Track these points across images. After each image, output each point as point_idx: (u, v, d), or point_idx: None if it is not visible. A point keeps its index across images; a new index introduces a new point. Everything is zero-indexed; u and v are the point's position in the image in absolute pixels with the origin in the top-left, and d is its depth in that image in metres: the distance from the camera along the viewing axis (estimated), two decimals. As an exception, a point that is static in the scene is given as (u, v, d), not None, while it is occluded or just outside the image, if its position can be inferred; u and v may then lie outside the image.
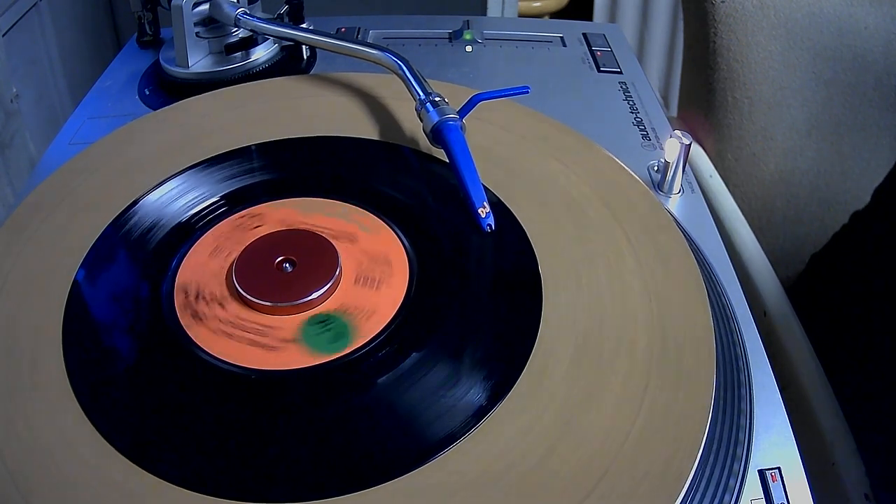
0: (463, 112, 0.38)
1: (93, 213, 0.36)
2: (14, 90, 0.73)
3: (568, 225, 0.35)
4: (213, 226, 0.36)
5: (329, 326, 0.31)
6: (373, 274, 0.33)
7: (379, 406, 0.28)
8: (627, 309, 0.31)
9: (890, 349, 0.48)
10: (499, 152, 0.40)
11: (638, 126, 0.47)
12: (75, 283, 0.33)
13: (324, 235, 0.35)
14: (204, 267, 0.34)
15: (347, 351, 0.30)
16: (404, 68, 0.41)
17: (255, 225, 0.36)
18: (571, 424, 0.27)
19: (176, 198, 0.37)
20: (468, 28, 0.57)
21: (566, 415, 0.27)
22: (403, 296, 0.32)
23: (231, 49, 0.48)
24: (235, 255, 0.34)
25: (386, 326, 0.31)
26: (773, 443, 0.30)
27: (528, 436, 0.27)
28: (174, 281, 0.33)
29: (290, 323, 0.31)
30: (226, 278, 0.33)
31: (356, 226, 0.36)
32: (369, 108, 0.43)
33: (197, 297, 0.32)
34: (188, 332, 0.31)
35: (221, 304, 0.32)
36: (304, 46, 0.52)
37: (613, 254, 0.34)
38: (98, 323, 0.32)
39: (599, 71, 0.53)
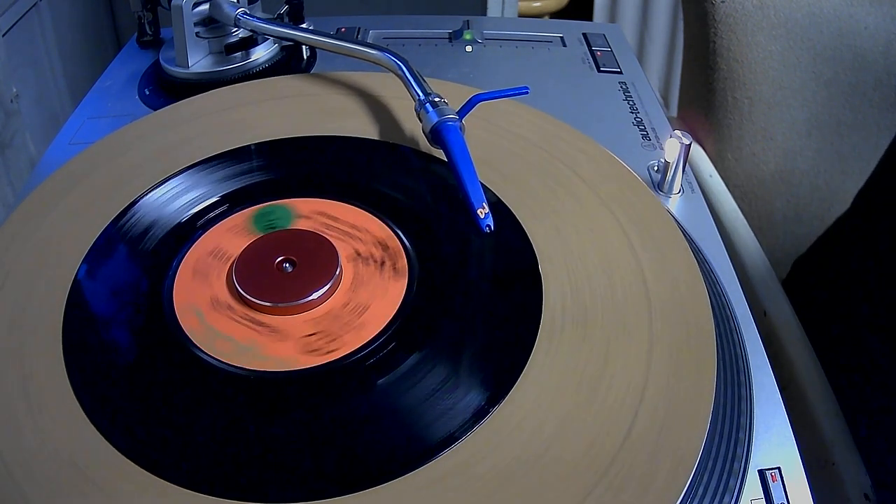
0: (462, 112, 0.38)
1: (93, 212, 0.36)
2: (14, 90, 0.73)
3: (568, 225, 0.35)
4: (212, 225, 0.36)
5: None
6: (368, 252, 0.33)
7: (379, 406, 0.28)
8: (627, 309, 0.31)
9: (889, 349, 0.48)
10: (499, 152, 0.40)
11: (638, 126, 0.47)
12: (75, 284, 0.33)
13: (324, 235, 0.35)
14: (204, 267, 0.34)
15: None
16: (404, 68, 0.41)
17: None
18: (571, 425, 0.27)
19: (176, 198, 0.37)
20: (468, 28, 0.57)
21: (566, 416, 0.27)
22: (403, 296, 0.32)
23: (231, 49, 0.48)
24: (235, 255, 0.34)
25: (386, 327, 0.31)
26: (773, 443, 0.30)
27: (527, 437, 0.27)
28: (174, 281, 0.33)
29: (291, 323, 0.31)
30: (226, 278, 0.33)
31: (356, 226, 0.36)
32: (369, 108, 0.43)
33: (197, 297, 0.32)
34: (188, 332, 0.31)
35: (221, 305, 0.32)
36: (304, 46, 0.52)
37: (613, 254, 0.34)
38: (98, 323, 0.32)
39: (599, 71, 0.53)
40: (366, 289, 0.33)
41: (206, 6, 0.48)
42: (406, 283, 0.33)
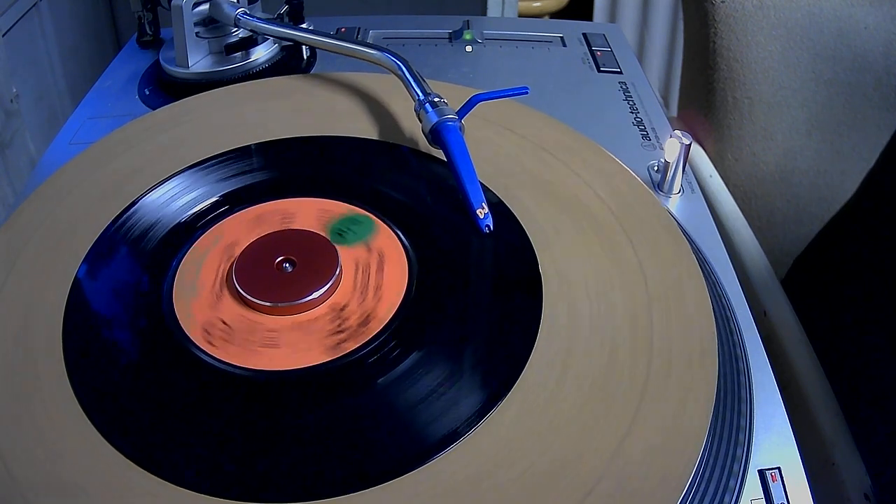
0: (462, 112, 0.38)
1: (93, 212, 0.36)
2: (14, 90, 0.74)
3: (568, 225, 0.35)
4: (212, 225, 0.36)
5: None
6: (349, 315, 0.33)
7: (378, 406, 0.28)
8: (627, 308, 0.31)
9: (889, 349, 0.48)
10: (499, 152, 0.40)
11: (638, 126, 0.47)
12: (75, 283, 0.33)
13: (324, 235, 0.35)
14: (204, 267, 0.34)
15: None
16: (403, 68, 0.41)
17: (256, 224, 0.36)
18: (571, 424, 0.27)
19: (176, 198, 0.37)
20: (468, 28, 0.57)
21: (565, 415, 0.27)
22: (403, 296, 0.32)
23: (231, 49, 0.48)
24: (236, 254, 0.34)
25: (386, 326, 0.31)
26: (773, 443, 0.30)
27: (527, 436, 0.27)
28: (174, 280, 0.33)
29: (290, 323, 0.31)
30: (226, 278, 0.33)
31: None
32: (369, 109, 0.43)
33: (197, 296, 0.32)
34: (188, 332, 0.31)
35: (222, 305, 0.32)
36: (304, 46, 0.52)
37: (613, 254, 0.34)
38: (98, 323, 0.32)
39: (599, 71, 0.53)
40: (297, 335, 0.31)
41: (206, 6, 0.48)
42: (406, 283, 0.33)
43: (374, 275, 0.33)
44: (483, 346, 0.30)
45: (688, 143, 0.40)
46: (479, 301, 0.33)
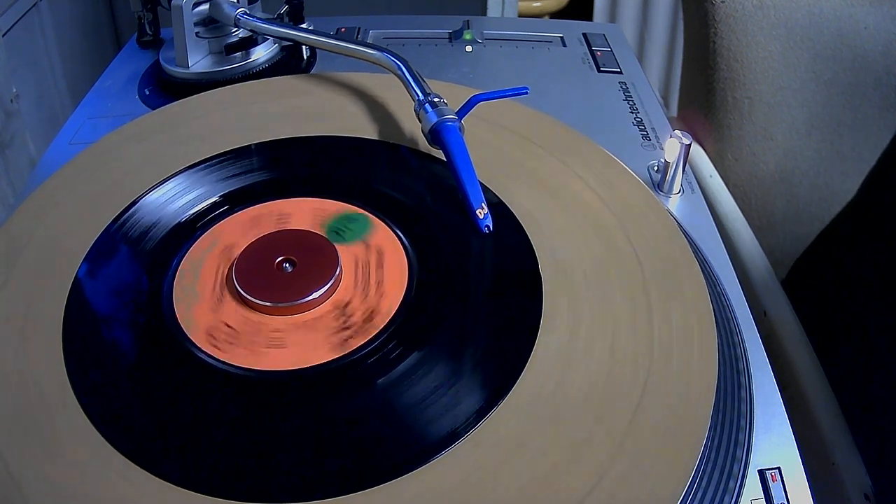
0: (462, 113, 0.38)
1: (93, 212, 0.36)
2: (14, 90, 0.73)
3: (568, 225, 0.35)
4: (212, 225, 0.36)
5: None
6: (353, 312, 0.33)
7: (378, 406, 0.28)
8: (627, 309, 0.31)
9: (888, 349, 0.48)
10: (498, 152, 0.40)
11: (638, 126, 0.47)
12: (75, 283, 0.33)
13: (324, 235, 0.35)
14: (204, 267, 0.34)
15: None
16: (403, 69, 0.41)
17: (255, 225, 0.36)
18: (570, 425, 0.27)
19: (176, 198, 0.37)
20: (468, 28, 0.57)
21: (565, 415, 0.27)
22: (403, 296, 0.32)
23: (231, 49, 0.48)
24: (236, 254, 0.34)
25: (386, 326, 0.31)
26: (773, 443, 0.30)
27: (527, 437, 0.27)
28: (174, 280, 0.33)
29: (290, 323, 0.31)
30: (226, 278, 0.33)
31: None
32: (369, 108, 0.43)
33: (197, 296, 0.32)
34: (188, 332, 0.31)
35: (221, 304, 0.32)
36: (304, 46, 0.52)
37: (613, 254, 0.34)
38: (98, 323, 0.32)
39: (599, 71, 0.53)
40: (303, 335, 0.31)
41: (206, 6, 0.48)
42: (406, 283, 0.33)
43: (375, 271, 0.33)
44: (484, 345, 0.30)
45: (688, 143, 0.40)
46: (480, 300, 0.33)
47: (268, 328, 0.31)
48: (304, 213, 0.36)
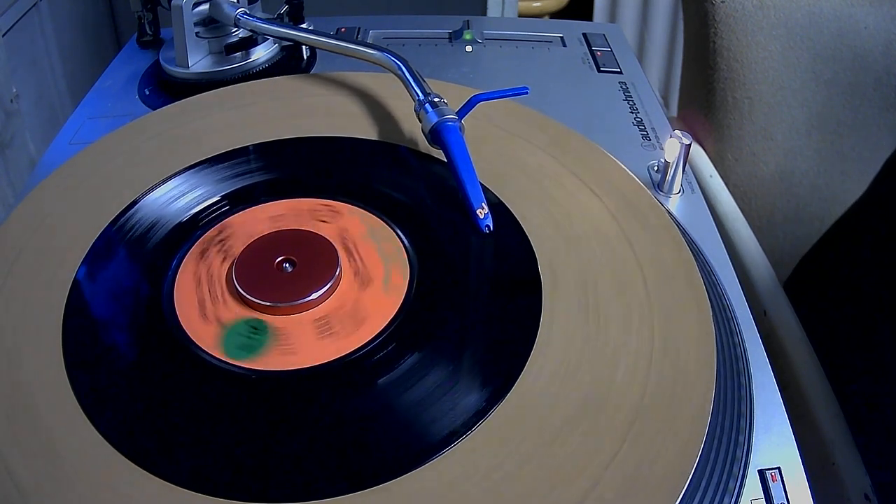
0: (462, 113, 0.38)
1: (93, 212, 0.36)
2: (14, 90, 0.74)
3: (568, 225, 0.35)
4: (212, 225, 0.36)
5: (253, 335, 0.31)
6: (372, 274, 0.33)
7: (379, 406, 0.28)
8: (627, 308, 0.31)
9: (889, 349, 0.48)
10: (498, 153, 0.40)
11: (638, 126, 0.47)
12: (75, 283, 0.33)
13: (324, 235, 0.35)
14: (204, 267, 0.34)
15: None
16: (403, 69, 0.41)
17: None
18: (571, 425, 0.27)
19: (176, 197, 0.37)
20: (468, 28, 0.57)
21: (565, 415, 0.27)
22: (403, 296, 0.32)
23: (231, 49, 0.48)
24: (236, 254, 0.34)
25: (386, 327, 0.31)
26: (773, 443, 0.30)
27: (527, 436, 0.27)
28: (174, 280, 0.33)
29: (290, 323, 0.31)
30: (226, 278, 0.33)
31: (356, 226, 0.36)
32: (369, 108, 0.43)
33: (197, 297, 0.32)
34: (188, 332, 0.31)
35: (222, 304, 0.32)
36: (304, 46, 0.52)
37: (613, 254, 0.34)
38: (98, 323, 0.32)
39: (599, 71, 0.53)
40: (366, 288, 0.33)
41: (206, 6, 0.48)
42: (406, 283, 0.33)
43: (374, 275, 0.33)
44: (484, 345, 0.30)
45: (688, 143, 0.40)
46: (480, 301, 0.33)
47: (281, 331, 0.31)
48: (302, 213, 0.37)
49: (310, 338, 0.31)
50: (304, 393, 0.29)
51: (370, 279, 0.33)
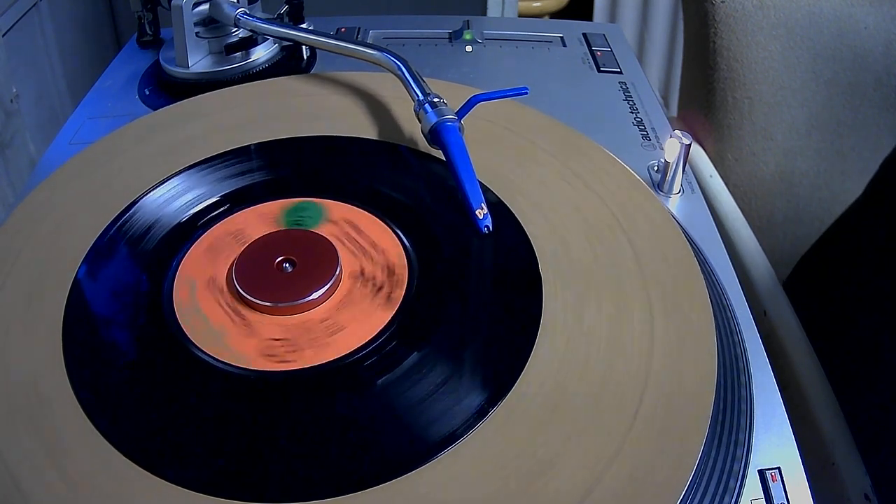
0: (461, 113, 0.38)
1: (93, 212, 0.36)
2: (14, 90, 0.74)
3: (568, 225, 0.35)
4: (212, 225, 0.36)
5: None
6: (373, 274, 0.33)
7: (378, 406, 0.28)
8: (627, 308, 0.31)
9: (889, 349, 0.48)
10: (498, 153, 0.40)
11: (638, 126, 0.47)
12: (75, 283, 0.33)
13: (324, 235, 0.35)
14: (204, 267, 0.34)
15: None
16: (403, 69, 0.41)
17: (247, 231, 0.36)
18: (571, 425, 0.27)
19: (176, 197, 0.37)
20: (468, 28, 0.57)
21: (564, 415, 0.27)
22: (403, 296, 0.32)
23: (231, 49, 0.48)
24: (235, 254, 0.34)
25: (386, 327, 0.31)
26: (773, 443, 0.30)
27: (527, 437, 0.27)
28: (174, 280, 0.33)
29: (290, 323, 0.31)
30: (226, 278, 0.33)
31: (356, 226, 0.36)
32: (369, 108, 0.43)
33: (197, 297, 0.32)
34: (188, 332, 0.31)
35: (222, 304, 0.32)
36: (304, 46, 0.52)
37: (613, 254, 0.34)
38: (98, 323, 0.32)
39: (599, 71, 0.53)
40: (350, 311, 0.32)
41: (206, 6, 0.48)
42: (406, 283, 0.33)
43: (359, 237, 0.34)
44: (484, 345, 0.30)
45: (688, 143, 0.40)
46: (480, 301, 0.33)
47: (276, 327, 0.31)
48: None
49: (309, 338, 0.31)
50: (304, 393, 0.29)
51: (370, 279, 0.33)
